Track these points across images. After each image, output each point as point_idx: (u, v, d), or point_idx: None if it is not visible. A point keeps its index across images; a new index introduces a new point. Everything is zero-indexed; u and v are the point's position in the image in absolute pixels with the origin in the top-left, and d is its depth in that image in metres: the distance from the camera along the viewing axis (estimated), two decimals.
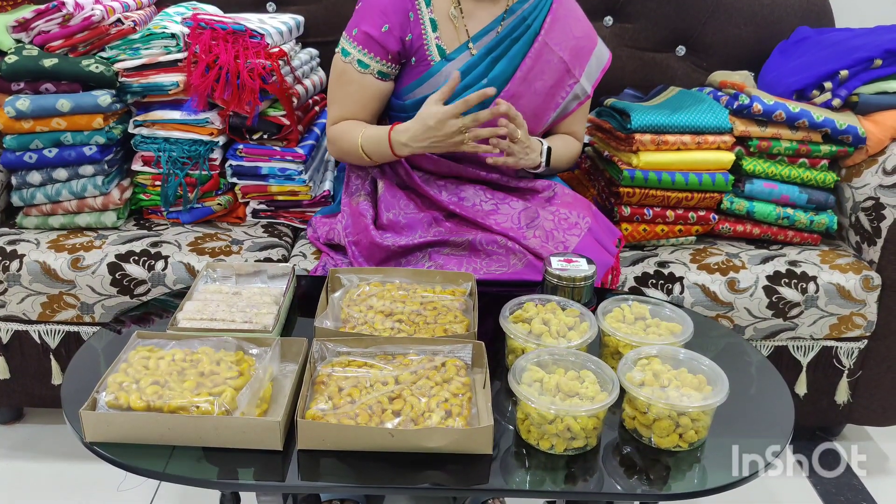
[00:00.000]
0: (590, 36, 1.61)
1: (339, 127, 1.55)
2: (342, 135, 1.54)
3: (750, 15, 2.05)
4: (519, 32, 1.53)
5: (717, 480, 0.98)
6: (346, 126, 1.54)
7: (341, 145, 1.55)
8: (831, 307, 1.65)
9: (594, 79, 1.63)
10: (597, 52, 1.61)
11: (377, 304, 1.23)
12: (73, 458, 1.75)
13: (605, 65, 1.64)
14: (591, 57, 1.60)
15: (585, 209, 1.56)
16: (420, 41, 1.51)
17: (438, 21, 1.51)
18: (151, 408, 0.98)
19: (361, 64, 1.49)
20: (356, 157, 1.54)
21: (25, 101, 1.62)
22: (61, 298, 1.63)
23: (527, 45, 1.53)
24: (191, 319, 1.19)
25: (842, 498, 1.73)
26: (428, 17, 1.50)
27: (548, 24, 1.53)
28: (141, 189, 1.79)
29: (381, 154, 1.49)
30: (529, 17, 1.53)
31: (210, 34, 1.71)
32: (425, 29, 1.50)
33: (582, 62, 1.59)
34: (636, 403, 1.02)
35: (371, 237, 1.50)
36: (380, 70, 1.51)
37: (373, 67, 1.50)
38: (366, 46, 1.49)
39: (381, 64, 1.50)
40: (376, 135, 1.48)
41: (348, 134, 1.53)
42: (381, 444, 0.97)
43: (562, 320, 1.17)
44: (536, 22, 1.53)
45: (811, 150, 1.72)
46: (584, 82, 1.59)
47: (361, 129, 1.51)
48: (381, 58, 1.50)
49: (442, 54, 1.52)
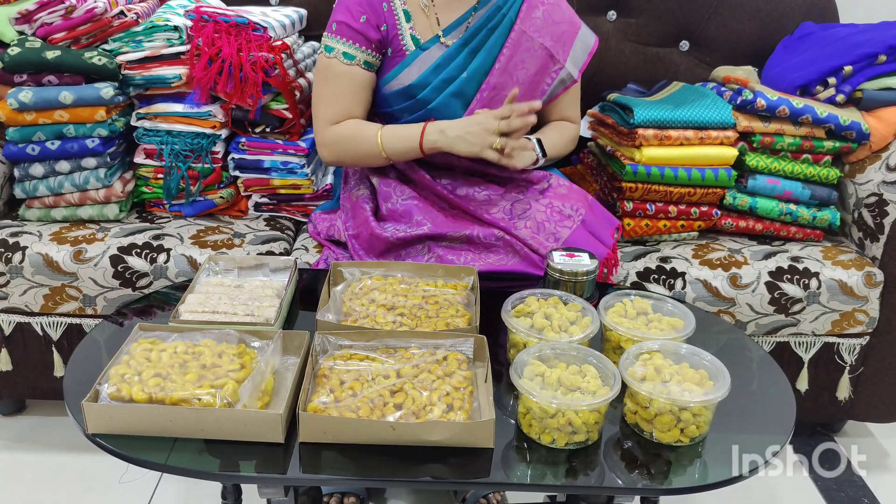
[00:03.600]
0: (572, 21, 1.60)
1: (341, 127, 1.51)
2: (350, 134, 1.50)
3: (754, 10, 2.04)
4: (494, 22, 1.53)
5: (718, 475, 0.98)
6: (351, 125, 1.51)
7: (348, 145, 1.51)
8: (833, 303, 1.65)
9: (581, 63, 1.61)
10: (581, 37, 1.60)
11: (379, 297, 1.23)
12: (75, 449, 1.76)
13: (592, 48, 1.63)
14: (574, 41, 1.59)
15: (581, 200, 1.55)
16: (395, 31, 1.51)
17: (411, 11, 1.52)
18: (153, 400, 0.99)
19: (347, 56, 1.49)
20: (369, 155, 1.50)
21: (28, 93, 1.62)
22: (63, 291, 1.63)
23: (503, 35, 1.53)
24: (193, 312, 1.19)
25: (843, 494, 1.73)
26: (401, 7, 1.51)
27: (524, 11, 1.53)
28: (143, 182, 1.79)
29: (406, 145, 1.46)
30: (504, 6, 1.53)
31: (213, 27, 1.70)
32: (399, 20, 1.51)
33: (566, 47, 1.58)
34: (638, 398, 1.02)
35: (371, 228, 1.50)
36: (365, 60, 1.50)
37: (358, 58, 1.50)
38: (348, 38, 1.48)
39: (365, 53, 1.50)
40: (401, 131, 1.47)
41: (361, 133, 1.49)
42: (383, 437, 0.97)
43: (564, 315, 1.17)
44: (512, 11, 1.53)
45: (814, 145, 1.71)
46: (570, 67, 1.59)
47: (378, 128, 1.48)
48: (365, 47, 1.50)
49: (416, 44, 1.52)
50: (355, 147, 1.51)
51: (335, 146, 1.53)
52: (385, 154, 1.48)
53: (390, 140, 1.47)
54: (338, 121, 1.52)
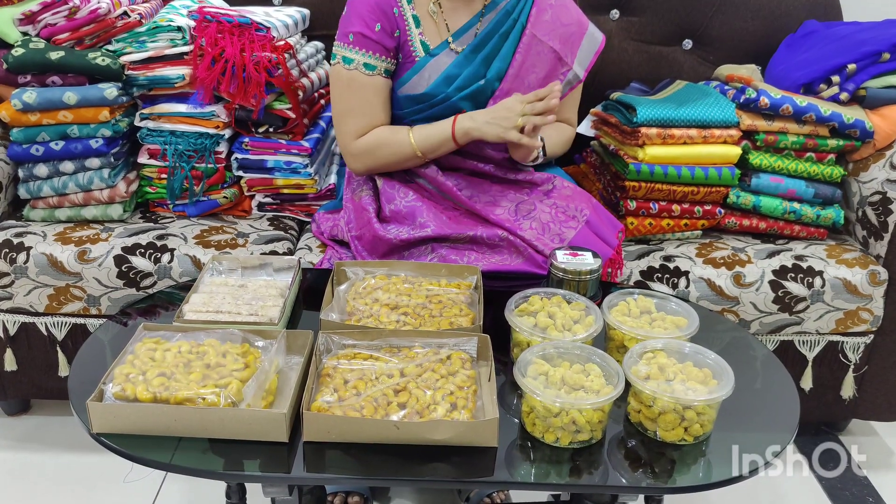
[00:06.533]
0: (580, 21, 1.59)
1: (370, 137, 1.51)
2: (381, 140, 1.51)
3: (757, 8, 2.04)
4: (506, 27, 1.52)
5: (722, 474, 0.98)
6: (380, 132, 1.51)
7: (382, 152, 1.52)
8: (837, 302, 1.64)
9: (587, 63, 1.61)
10: (588, 37, 1.59)
11: (383, 296, 1.23)
12: (80, 449, 1.76)
13: (598, 48, 1.61)
14: (582, 42, 1.58)
15: (585, 202, 1.55)
16: (405, 37, 1.51)
17: (420, 17, 1.51)
18: (158, 399, 0.99)
19: (368, 66, 1.48)
20: (404, 158, 1.51)
21: (32, 93, 1.62)
22: (68, 291, 1.63)
23: (516, 40, 1.52)
24: (197, 312, 1.19)
25: (847, 493, 1.73)
26: (410, 13, 1.51)
27: (534, 15, 1.53)
28: (147, 182, 1.80)
29: (439, 139, 1.49)
30: (514, 11, 1.52)
31: (216, 27, 1.71)
32: (409, 25, 1.51)
33: (573, 48, 1.57)
34: (641, 397, 1.02)
35: (374, 230, 1.50)
36: (385, 68, 1.50)
37: (379, 67, 1.49)
38: (367, 48, 1.48)
39: (384, 62, 1.50)
40: (431, 126, 1.50)
41: (393, 136, 1.51)
42: (387, 436, 0.97)
43: (567, 314, 1.17)
44: (522, 15, 1.52)
45: (818, 144, 1.71)
46: (576, 68, 1.58)
47: (406, 128, 1.51)
48: (384, 55, 1.49)
49: (426, 50, 1.52)
50: (390, 153, 1.52)
51: (368, 156, 1.53)
52: (420, 153, 1.50)
53: (423, 139, 1.49)
54: (366, 132, 1.52)
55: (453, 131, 1.47)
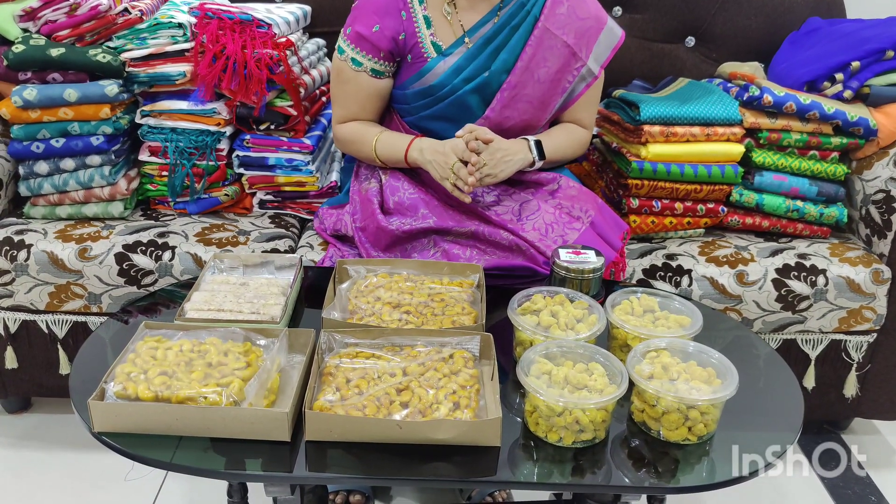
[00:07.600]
0: (597, 16, 1.56)
1: (347, 128, 1.60)
2: (354, 137, 1.59)
3: (760, 5, 2.03)
4: (518, 20, 1.51)
5: (726, 474, 0.98)
6: (355, 128, 1.59)
7: (352, 147, 1.61)
8: (840, 300, 1.64)
9: (603, 59, 1.58)
10: (606, 31, 1.56)
11: (385, 295, 1.23)
12: (81, 447, 1.76)
13: (617, 44, 1.58)
14: (598, 37, 1.56)
15: (590, 203, 1.54)
16: (414, 39, 1.51)
17: (432, 18, 1.51)
18: (159, 398, 0.99)
19: (355, 62, 1.52)
20: (369, 159, 1.59)
21: (32, 90, 1.62)
22: (69, 288, 1.63)
23: (527, 33, 1.50)
24: (198, 310, 1.19)
25: (849, 492, 1.73)
26: (421, 14, 1.50)
27: (547, 8, 1.51)
28: (148, 179, 1.79)
29: (395, 155, 1.54)
30: (528, 3, 1.51)
31: (217, 24, 1.70)
32: (419, 26, 1.50)
33: (589, 44, 1.55)
34: (645, 396, 1.01)
35: (378, 222, 1.51)
36: (373, 68, 1.52)
37: (365, 65, 1.51)
38: (358, 45, 1.51)
39: (373, 62, 1.51)
40: (393, 142, 1.53)
41: (362, 138, 1.57)
42: (389, 435, 0.97)
43: (570, 312, 1.16)
44: (536, 7, 1.51)
45: (821, 142, 1.70)
46: (591, 64, 1.56)
47: (376, 135, 1.55)
48: (374, 56, 1.51)
49: (438, 50, 1.51)
50: (356, 150, 1.61)
51: (341, 143, 1.64)
52: (380, 161, 1.56)
53: (383, 148, 1.55)
54: (346, 120, 1.60)
55: (406, 155, 1.51)
